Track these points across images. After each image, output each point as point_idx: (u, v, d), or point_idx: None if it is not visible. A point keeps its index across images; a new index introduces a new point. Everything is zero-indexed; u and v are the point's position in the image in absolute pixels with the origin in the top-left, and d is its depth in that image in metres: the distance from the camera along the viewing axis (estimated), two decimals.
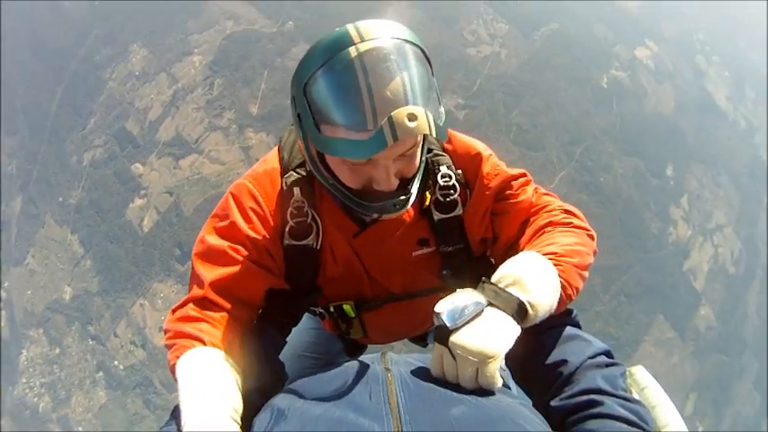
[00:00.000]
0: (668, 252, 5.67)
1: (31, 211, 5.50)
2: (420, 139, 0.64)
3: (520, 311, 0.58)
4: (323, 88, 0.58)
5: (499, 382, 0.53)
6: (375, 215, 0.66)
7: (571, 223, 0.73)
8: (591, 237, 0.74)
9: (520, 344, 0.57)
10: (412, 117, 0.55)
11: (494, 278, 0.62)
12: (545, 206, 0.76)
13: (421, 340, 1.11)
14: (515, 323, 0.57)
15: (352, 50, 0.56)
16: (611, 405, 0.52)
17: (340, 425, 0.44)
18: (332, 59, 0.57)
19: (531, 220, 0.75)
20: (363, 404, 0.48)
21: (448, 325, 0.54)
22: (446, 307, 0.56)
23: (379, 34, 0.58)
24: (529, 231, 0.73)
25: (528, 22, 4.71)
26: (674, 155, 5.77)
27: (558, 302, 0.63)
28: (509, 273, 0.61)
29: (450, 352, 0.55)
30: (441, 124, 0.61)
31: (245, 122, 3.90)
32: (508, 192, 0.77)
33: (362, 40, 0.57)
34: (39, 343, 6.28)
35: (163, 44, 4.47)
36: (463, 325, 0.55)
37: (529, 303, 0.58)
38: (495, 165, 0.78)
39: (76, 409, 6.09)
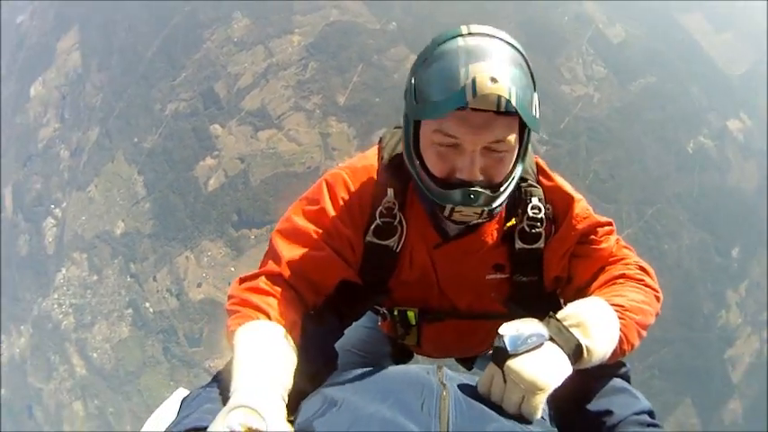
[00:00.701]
0: (714, 336, 5.33)
1: (104, 144, 5.83)
2: (512, 141, 0.65)
3: (576, 353, 0.60)
4: (428, 72, 0.64)
5: (539, 414, 0.56)
6: (447, 204, 0.66)
7: (643, 281, 0.74)
8: (658, 298, 0.75)
9: (570, 385, 0.59)
10: (494, 80, 0.59)
11: (560, 315, 0.63)
12: (623, 258, 0.77)
13: (468, 362, 1.10)
14: (569, 363, 0.59)
15: (460, 39, 0.64)
16: None
17: (390, 425, 0.46)
18: (441, 46, 0.64)
19: (607, 268, 0.76)
20: (415, 412, 0.49)
21: (508, 349, 0.56)
22: (510, 331, 0.58)
23: (485, 31, 0.65)
24: (602, 278, 0.74)
25: (627, 70, 4.56)
26: (745, 237, 5.43)
27: (612, 353, 0.65)
28: (575, 314, 0.63)
29: (503, 374, 0.57)
30: (532, 115, 0.63)
31: (330, 110, 3.97)
32: (592, 237, 0.78)
33: (470, 34, 0.64)
34: (80, 266, 6.64)
35: (266, 18, 4.62)
36: (523, 353, 0.57)
37: (586, 348, 0.60)
38: (586, 208, 0.79)
39: (96, 336, 6.40)
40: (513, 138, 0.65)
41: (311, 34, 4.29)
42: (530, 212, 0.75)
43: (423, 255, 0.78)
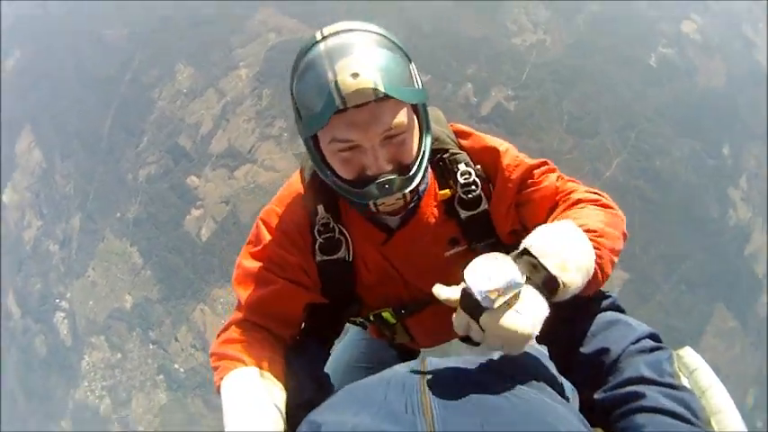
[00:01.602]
0: (729, 236, 5.37)
1: (90, 228, 5.81)
2: (406, 121, 0.64)
3: (552, 289, 0.56)
4: (300, 85, 0.65)
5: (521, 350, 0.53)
6: (371, 200, 0.66)
7: (599, 200, 0.71)
8: (621, 219, 0.71)
9: (557, 336, 0.57)
10: (354, 75, 0.58)
11: (530, 245, 0.59)
12: (571, 191, 0.75)
13: (470, 338, 1.11)
14: (546, 303, 0.55)
15: (321, 45, 0.64)
16: (655, 396, 0.50)
17: None
18: (304, 57, 0.65)
19: (559, 203, 0.73)
20: (398, 413, 0.47)
21: (482, 304, 0.51)
22: (479, 280, 0.52)
23: (340, 29, 0.65)
24: (557, 212, 0.71)
25: (568, 5, 4.56)
26: (730, 133, 5.46)
27: (587, 285, 0.60)
28: (544, 242, 0.59)
29: (479, 326, 0.53)
30: (406, 90, 0.62)
31: (296, 130, 3.96)
32: (530, 181, 0.76)
33: (325, 37, 0.64)
34: (100, 349, 6.63)
35: (207, 61, 4.62)
36: (497, 306, 0.52)
37: (563, 283, 0.56)
38: (515, 156, 0.77)
39: (137, 410, 6.39)
40: (405, 117, 0.65)
41: (256, 63, 4.29)
42: (461, 180, 0.75)
43: (374, 255, 0.78)
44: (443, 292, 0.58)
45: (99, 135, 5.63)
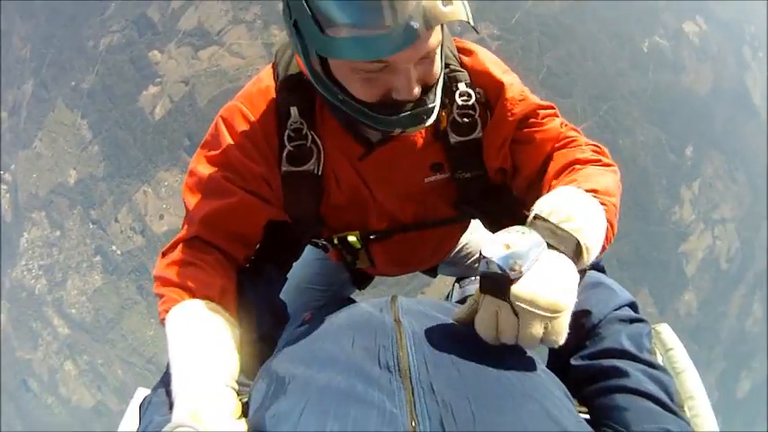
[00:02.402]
0: (668, 230, 5.67)
1: (42, 95, 5.44)
2: (441, 38, 0.56)
3: (577, 253, 0.49)
4: None
5: (564, 339, 0.46)
6: (398, 129, 0.58)
7: (600, 161, 0.66)
8: (617, 173, 0.66)
9: None
10: (447, 2, 0.49)
11: (544, 213, 0.52)
12: (573, 140, 0.69)
13: (431, 271, 1.05)
14: (575, 268, 0.49)
15: None
16: (638, 377, 0.48)
17: (347, 399, 0.39)
18: None
19: (557, 153, 0.68)
20: (373, 372, 0.42)
21: (507, 274, 0.44)
22: (498, 251, 0.46)
23: None
24: (555, 165, 0.66)
25: None
26: (698, 137, 5.62)
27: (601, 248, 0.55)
28: (558, 208, 0.53)
29: (511, 305, 0.45)
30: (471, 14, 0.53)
31: (270, 19, 3.75)
32: (533, 120, 0.69)
33: None
34: (40, 226, 6.43)
35: None
36: (525, 273, 0.45)
37: (585, 247, 0.50)
38: (521, 90, 0.70)
39: (71, 291, 6.34)
40: (440, 35, 0.56)
41: None
42: (458, 101, 0.67)
43: (348, 171, 0.70)
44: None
45: None
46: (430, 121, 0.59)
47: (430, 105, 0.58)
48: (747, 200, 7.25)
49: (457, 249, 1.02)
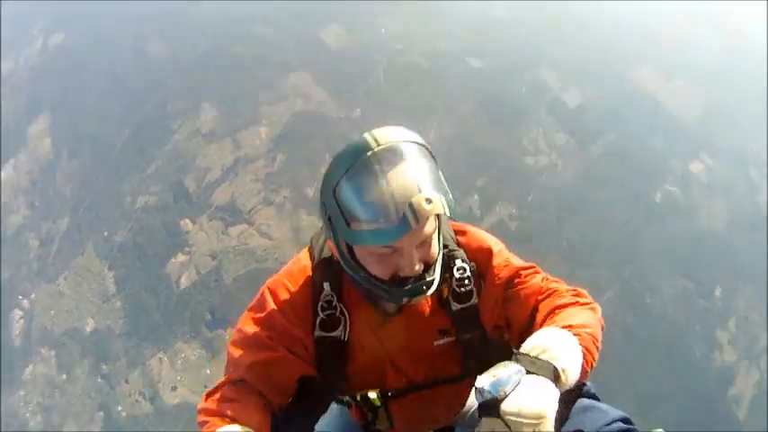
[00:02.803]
0: (712, 379, 5.27)
1: (74, 236, 5.70)
2: (436, 226, 0.73)
3: (555, 376, 0.62)
4: (350, 190, 0.69)
5: None
6: (405, 299, 0.73)
7: (577, 302, 0.80)
8: (595, 310, 0.80)
9: None
10: (428, 201, 0.66)
11: (523, 349, 0.66)
12: (554, 291, 0.82)
13: (448, 430, 1.13)
14: (554, 386, 0.61)
15: (371, 154, 0.68)
16: None
17: None
18: (355, 164, 0.69)
19: (542, 304, 0.81)
20: None
21: (494, 395, 0.57)
22: (487, 380, 0.59)
23: (392, 138, 0.70)
24: (540, 314, 0.79)
25: (587, 132, 4.78)
26: (724, 274, 5.51)
27: (581, 372, 0.68)
28: (537, 344, 0.66)
29: (503, 421, 0.56)
30: (452, 206, 0.70)
31: (300, 203, 3.99)
32: (517, 280, 0.85)
33: (378, 145, 0.69)
34: (48, 363, 6.27)
35: (234, 109, 4.73)
36: (510, 392, 0.58)
37: (562, 369, 0.63)
38: (506, 257, 0.86)
39: None
40: (434, 223, 0.74)
41: (278, 125, 4.39)
42: (456, 275, 0.83)
43: (370, 337, 0.85)
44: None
45: (111, 146, 5.66)
46: (430, 292, 0.74)
47: (429, 279, 0.74)
48: None
49: (472, 410, 1.11)
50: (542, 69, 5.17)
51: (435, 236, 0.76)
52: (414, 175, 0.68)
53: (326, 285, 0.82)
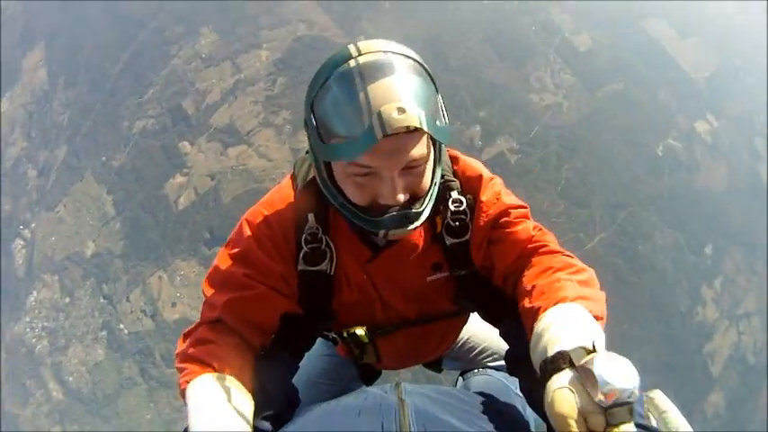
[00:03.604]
0: (692, 332, 5.47)
1: (72, 163, 5.67)
2: (426, 153, 0.63)
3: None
4: (326, 102, 0.62)
5: None
6: (381, 231, 0.64)
7: (577, 269, 0.71)
8: (595, 280, 0.73)
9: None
10: (401, 110, 0.56)
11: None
12: (545, 245, 0.74)
13: (435, 365, 1.11)
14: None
15: (352, 62, 0.61)
16: None
17: None
18: (333, 75, 0.62)
19: (533, 258, 0.73)
20: None
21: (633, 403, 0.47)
22: (625, 381, 0.48)
23: (377, 48, 0.62)
24: (531, 270, 0.70)
25: (594, 77, 4.66)
26: (716, 234, 5.59)
27: None
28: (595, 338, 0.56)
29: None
30: (441, 128, 0.61)
31: (299, 125, 3.93)
32: (505, 220, 0.76)
33: (360, 54, 0.61)
34: (51, 288, 6.43)
35: (233, 33, 4.58)
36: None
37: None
38: (496, 192, 0.77)
39: (72, 359, 6.19)
40: (426, 149, 0.64)
41: (279, 49, 4.26)
42: (451, 207, 0.75)
43: (358, 272, 0.78)
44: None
45: (108, 74, 5.52)
46: (412, 226, 0.65)
47: (413, 211, 0.64)
48: None
49: (460, 344, 1.08)
50: (554, 11, 4.97)
51: (429, 165, 0.66)
52: (397, 89, 0.58)
53: (311, 216, 0.73)
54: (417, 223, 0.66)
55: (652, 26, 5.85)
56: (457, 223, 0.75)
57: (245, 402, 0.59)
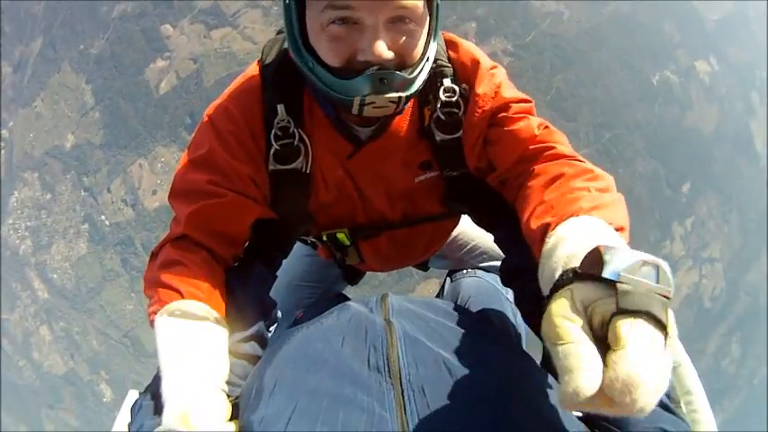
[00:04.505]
0: None
1: (49, 55, 5.37)
2: (420, 11, 0.54)
3: None
4: None
5: None
6: (355, 98, 0.54)
7: (597, 177, 0.59)
8: (615, 193, 0.59)
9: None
10: None
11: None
12: (552, 147, 0.63)
13: (422, 265, 1.04)
14: None
15: None
16: None
17: (336, 403, 0.38)
18: None
19: (537, 166, 0.62)
20: (362, 374, 0.42)
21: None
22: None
23: None
24: (539, 179, 0.60)
25: None
26: (697, 175, 5.67)
27: None
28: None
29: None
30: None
31: None
32: (503, 115, 0.65)
33: None
34: (32, 186, 6.35)
35: None
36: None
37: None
38: (496, 85, 0.66)
39: (55, 256, 6.27)
40: (420, 5, 0.54)
41: None
42: (443, 97, 0.64)
43: (336, 170, 0.68)
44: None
45: None
46: (395, 94, 0.54)
47: (398, 73, 0.53)
48: (738, 242, 7.33)
49: (449, 242, 0.98)
50: None
51: (422, 26, 0.56)
52: None
53: (281, 108, 0.63)
54: (403, 93, 0.55)
55: None
56: (448, 116, 0.65)
57: (218, 334, 0.54)
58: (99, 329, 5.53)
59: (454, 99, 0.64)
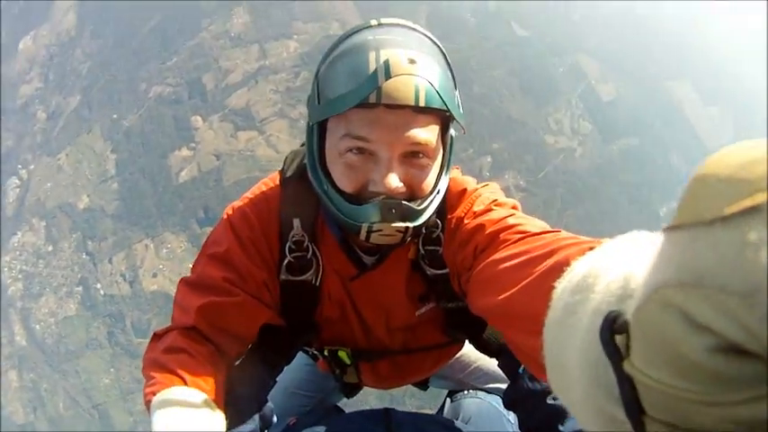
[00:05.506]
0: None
1: (83, 114, 5.64)
2: (434, 145, 0.54)
3: None
4: (335, 65, 0.55)
5: None
6: (363, 225, 0.53)
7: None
8: None
9: (538, 408, 0.55)
10: (411, 61, 0.49)
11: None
12: (519, 224, 0.59)
13: (422, 384, 1.02)
14: None
15: (369, 32, 0.54)
16: None
17: None
18: (347, 40, 0.55)
19: (493, 240, 0.58)
20: None
21: None
22: None
23: (401, 23, 0.56)
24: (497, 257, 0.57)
25: (612, 128, 4.68)
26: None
27: None
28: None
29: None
30: (455, 104, 0.54)
31: None
32: (476, 223, 0.60)
33: (381, 25, 0.55)
34: (36, 233, 6.37)
35: (267, 17, 4.59)
36: None
37: None
38: (470, 203, 0.62)
39: (42, 309, 6.13)
40: (434, 139, 0.54)
41: (308, 43, 4.26)
42: (424, 231, 0.62)
43: (339, 290, 0.69)
44: None
45: (135, 33, 5.51)
46: (401, 223, 0.53)
47: (406, 204, 0.53)
48: None
49: (450, 363, 0.97)
50: (584, 57, 5.01)
51: (435, 165, 0.55)
52: (409, 51, 0.51)
53: (296, 222, 0.64)
54: (411, 223, 0.54)
55: (677, 88, 5.89)
56: (429, 252, 0.63)
57: (216, 420, 0.55)
58: (69, 393, 5.26)
59: (435, 235, 0.62)
